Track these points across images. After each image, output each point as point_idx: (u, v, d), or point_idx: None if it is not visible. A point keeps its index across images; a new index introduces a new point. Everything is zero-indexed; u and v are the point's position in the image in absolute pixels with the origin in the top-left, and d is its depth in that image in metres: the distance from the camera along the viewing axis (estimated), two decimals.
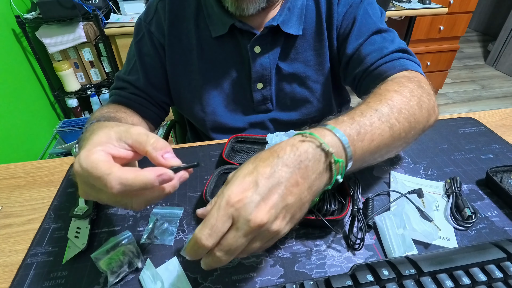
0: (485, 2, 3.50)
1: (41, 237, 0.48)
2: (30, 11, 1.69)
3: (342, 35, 0.62)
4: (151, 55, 0.67)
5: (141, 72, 0.67)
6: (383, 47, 0.56)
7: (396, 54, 0.55)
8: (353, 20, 0.59)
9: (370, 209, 0.49)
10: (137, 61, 0.67)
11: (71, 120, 1.77)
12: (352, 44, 0.58)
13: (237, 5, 0.57)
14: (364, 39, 0.58)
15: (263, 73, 0.66)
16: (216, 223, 0.31)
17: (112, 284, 0.41)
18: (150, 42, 0.66)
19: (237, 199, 0.31)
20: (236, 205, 0.31)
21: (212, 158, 0.62)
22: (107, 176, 0.31)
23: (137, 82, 0.67)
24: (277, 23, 0.61)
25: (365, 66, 0.57)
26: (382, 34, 0.58)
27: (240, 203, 0.31)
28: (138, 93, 0.67)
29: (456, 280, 0.37)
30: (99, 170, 0.32)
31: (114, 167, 0.32)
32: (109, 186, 0.31)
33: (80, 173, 0.33)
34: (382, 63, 0.55)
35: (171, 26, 0.65)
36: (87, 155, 0.33)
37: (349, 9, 0.61)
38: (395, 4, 1.96)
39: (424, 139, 0.66)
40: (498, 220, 0.49)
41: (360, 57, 0.57)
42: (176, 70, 0.68)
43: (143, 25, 0.67)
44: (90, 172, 0.32)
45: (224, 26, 0.62)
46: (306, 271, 0.42)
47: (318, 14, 0.64)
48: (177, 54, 0.67)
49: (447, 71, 2.36)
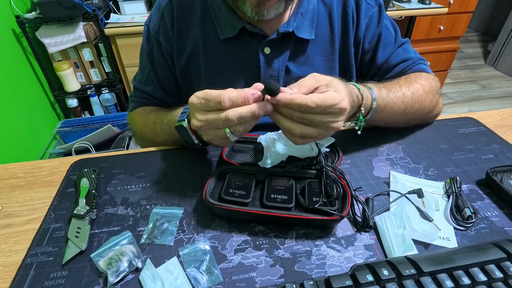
0: (485, 2, 3.50)
1: (41, 237, 0.48)
2: (30, 11, 1.69)
3: (368, 47, 0.69)
4: (162, 65, 0.69)
5: (156, 84, 0.70)
6: (408, 58, 0.69)
7: (417, 62, 0.69)
8: (379, 36, 0.68)
9: (370, 209, 0.49)
10: (150, 71, 0.70)
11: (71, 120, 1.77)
12: (381, 57, 0.69)
13: (257, 11, 0.57)
14: (390, 52, 0.69)
15: (271, 74, 0.66)
16: (326, 107, 0.43)
17: (112, 284, 0.41)
18: (159, 52, 0.67)
19: (345, 108, 0.45)
20: (342, 110, 0.44)
21: (212, 158, 0.62)
22: (220, 95, 0.43)
23: (155, 93, 0.72)
24: (292, 29, 0.62)
25: (394, 73, 0.69)
26: (402, 46, 0.70)
27: (345, 112, 0.45)
28: (158, 102, 0.72)
29: (456, 280, 0.37)
30: (214, 93, 0.44)
31: (223, 91, 0.44)
32: (222, 101, 0.43)
33: (197, 101, 0.46)
34: (407, 70, 0.69)
35: (179, 33, 0.65)
36: (201, 91, 0.46)
37: (370, 22, 0.67)
38: (395, 4, 1.96)
39: (424, 139, 0.66)
40: (498, 220, 0.49)
41: (389, 67, 0.69)
42: (186, 76, 0.68)
43: (152, 34, 0.67)
44: (207, 96, 0.45)
45: (233, 29, 0.62)
46: (306, 271, 0.42)
47: (330, 21, 0.66)
48: (185, 60, 0.67)
49: (447, 71, 2.36)
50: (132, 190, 0.55)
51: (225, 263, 0.43)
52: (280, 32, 0.62)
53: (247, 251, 0.45)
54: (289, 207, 0.47)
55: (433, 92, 0.64)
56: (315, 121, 0.44)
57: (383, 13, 0.68)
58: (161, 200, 0.53)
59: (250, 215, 0.48)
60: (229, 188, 0.50)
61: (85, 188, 0.53)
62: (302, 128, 0.44)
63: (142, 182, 0.57)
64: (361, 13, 0.66)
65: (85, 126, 1.69)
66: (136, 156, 0.63)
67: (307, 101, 0.42)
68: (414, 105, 0.61)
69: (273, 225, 0.48)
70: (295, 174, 0.54)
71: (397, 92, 0.59)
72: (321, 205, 0.47)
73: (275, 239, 0.46)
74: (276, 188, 0.50)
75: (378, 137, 0.66)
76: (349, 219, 0.49)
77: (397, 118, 0.61)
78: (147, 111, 0.70)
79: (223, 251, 0.45)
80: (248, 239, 0.47)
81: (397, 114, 0.60)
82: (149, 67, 0.69)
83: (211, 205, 0.47)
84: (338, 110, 0.44)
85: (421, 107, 0.62)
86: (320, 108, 0.43)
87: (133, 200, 0.53)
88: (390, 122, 0.62)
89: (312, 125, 0.44)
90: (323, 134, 0.46)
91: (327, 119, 0.44)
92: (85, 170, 0.57)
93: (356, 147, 0.64)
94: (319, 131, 0.45)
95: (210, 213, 0.50)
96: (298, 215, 0.46)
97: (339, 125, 0.45)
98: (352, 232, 0.47)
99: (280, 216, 0.46)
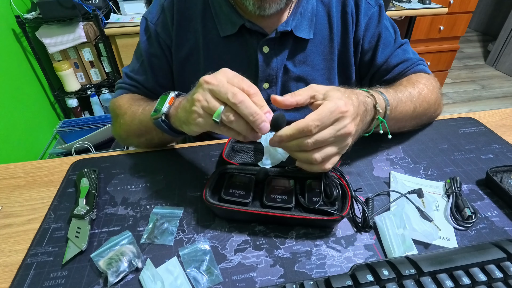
0: (485, 2, 3.50)
1: (41, 237, 0.48)
2: (30, 11, 1.68)
3: (367, 47, 0.69)
4: (158, 56, 0.68)
5: (149, 73, 0.69)
6: (407, 58, 0.68)
7: (416, 62, 0.69)
8: (378, 36, 0.68)
9: (370, 209, 0.49)
10: (145, 61, 0.69)
11: (71, 120, 1.77)
12: (380, 58, 0.68)
13: (259, 5, 0.57)
14: (390, 52, 0.68)
15: (270, 73, 0.66)
16: (326, 119, 0.41)
17: (112, 284, 0.41)
18: (157, 43, 0.67)
19: (345, 109, 0.42)
20: (343, 113, 0.42)
21: (212, 158, 0.62)
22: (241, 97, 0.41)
23: (146, 83, 0.70)
24: (291, 28, 0.62)
25: (394, 74, 0.69)
26: (402, 47, 0.69)
27: (347, 113, 0.42)
28: (147, 92, 0.70)
29: (456, 280, 0.37)
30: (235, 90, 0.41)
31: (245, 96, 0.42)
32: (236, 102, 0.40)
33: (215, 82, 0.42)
34: (407, 71, 0.68)
35: (179, 26, 0.65)
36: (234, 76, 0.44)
37: (369, 21, 0.67)
38: (395, 4, 1.96)
39: (424, 139, 0.66)
40: (498, 220, 0.49)
41: (388, 67, 0.69)
42: (184, 69, 0.68)
43: (150, 26, 0.67)
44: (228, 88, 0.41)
45: (233, 26, 0.63)
46: (306, 271, 0.42)
47: (329, 21, 0.66)
48: (184, 54, 0.67)
49: (447, 71, 2.36)
50: (132, 190, 0.55)
51: (225, 263, 0.43)
52: (279, 31, 0.62)
53: (247, 251, 0.45)
54: (289, 207, 0.47)
55: (436, 91, 0.65)
56: (326, 138, 0.42)
57: (383, 13, 0.68)
58: (161, 200, 0.53)
59: (250, 215, 0.48)
60: (229, 188, 0.50)
61: (85, 188, 0.53)
62: (319, 153, 0.43)
63: (142, 182, 0.57)
64: (361, 12, 0.66)
65: (85, 126, 1.69)
66: (136, 156, 0.63)
67: (307, 122, 0.40)
68: (422, 104, 0.60)
69: (273, 225, 0.48)
70: (295, 174, 0.54)
71: (404, 92, 0.58)
72: (321, 205, 0.47)
73: (275, 239, 0.46)
74: (276, 188, 0.50)
75: (378, 137, 0.66)
76: (349, 219, 0.49)
77: (408, 117, 0.60)
78: (136, 97, 0.68)
79: (223, 251, 0.45)
80: (248, 239, 0.47)
81: (408, 113, 0.58)
82: (144, 57, 0.68)
83: (211, 205, 0.47)
84: (340, 115, 0.42)
85: (428, 105, 0.62)
86: (323, 123, 0.41)
87: (133, 200, 0.53)
88: (402, 124, 0.61)
89: (327, 144, 0.43)
90: (341, 147, 0.44)
91: (336, 129, 0.42)
92: (85, 170, 0.57)
93: (356, 147, 0.64)
94: (336, 146, 0.44)
95: (210, 213, 0.50)
96: (298, 215, 0.46)
97: (350, 128, 0.43)
98: (352, 232, 0.47)
99: (280, 216, 0.46)
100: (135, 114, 0.61)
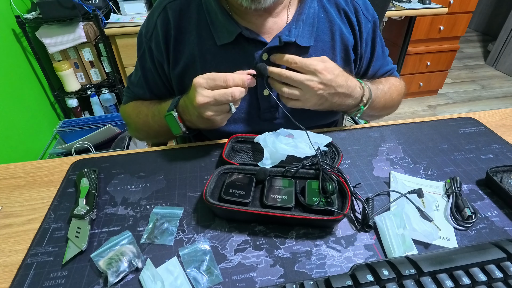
0: (485, 2, 3.50)
1: (41, 237, 0.48)
2: (30, 11, 1.68)
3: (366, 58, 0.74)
4: (152, 71, 0.70)
5: (145, 88, 0.72)
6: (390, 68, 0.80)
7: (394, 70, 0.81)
8: (373, 50, 0.74)
9: (370, 209, 0.49)
10: (141, 76, 0.72)
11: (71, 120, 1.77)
12: (372, 70, 0.77)
13: None
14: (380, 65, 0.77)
15: None
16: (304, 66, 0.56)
17: (112, 284, 0.41)
18: (150, 58, 0.68)
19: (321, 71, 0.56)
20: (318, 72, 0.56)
21: (212, 158, 0.62)
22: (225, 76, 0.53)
23: (144, 96, 0.74)
24: (294, 38, 0.61)
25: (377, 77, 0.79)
26: (386, 58, 0.79)
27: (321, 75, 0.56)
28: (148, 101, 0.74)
29: (456, 280, 0.37)
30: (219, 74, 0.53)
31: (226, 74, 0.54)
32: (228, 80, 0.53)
33: (203, 81, 0.53)
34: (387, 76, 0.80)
35: (175, 42, 0.65)
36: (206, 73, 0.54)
37: (367, 37, 0.71)
38: (395, 4, 1.96)
39: (424, 139, 0.66)
40: (498, 220, 0.49)
41: (377, 75, 0.79)
42: (182, 83, 0.67)
43: (144, 40, 0.67)
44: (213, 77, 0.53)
45: (230, 35, 0.61)
46: (306, 271, 0.42)
47: (331, 28, 0.66)
48: (181, 69, 0.66)
49: (447, 71, 2.36)
50: (132, 190, 0.55)
51: (225, 263, 0.43)
52: (283, 41, 0.60)
53: (247, 251, 0.45)
54: (289, 207, 0.47)
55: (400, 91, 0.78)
56: (295, 79, 0.55)
57: (377, 27, 0.71)
58: (161, 200, 0.53)
59: (250, 215, 0.48)
60: (229, 188, 0.50)
61: (85, 188, 0.53)
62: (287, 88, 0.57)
63: (142, 182, 0.57)
64: (362, 27, 0.68)
65: (85, 126, 1.69)
66: (136, 156, 0.63)
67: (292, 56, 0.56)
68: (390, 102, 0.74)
69: (273, 225, 0.48)
70: (295, 174, 0.54)
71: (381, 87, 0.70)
72: (321, 204, 0.47)
73: (275, 239, 0.46)
74: (276, 188, 0.50)
75: (378, 137, 0.67)
76: (349, 219, 0.49)
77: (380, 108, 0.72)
78: (138, 104, 0.74)
79: (223, 251, 0.45)
80: (248, 239, 0.47)
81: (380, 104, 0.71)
82: (140, 72, 0.71)
83: (211, 205, 0.47)
84: (316, 72, 0.55)
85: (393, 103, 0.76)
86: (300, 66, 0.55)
87: (133, 200, 0.53)
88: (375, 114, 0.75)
89: (295, 85, 0.56)
90: (305, 98, 0.57)
91: (305, 78, 0.55)
92: (85, 170, 0.57)
93: (356, 147, 0.64)
94: (301, 93, 0.57)
95: (210, 213, 0.51)
96: (298, 215, 0.46)
97: (317, 86, 0.56)
98: (352, 232, 0.47)
99: (280, 216, 0.46)
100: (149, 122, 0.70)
